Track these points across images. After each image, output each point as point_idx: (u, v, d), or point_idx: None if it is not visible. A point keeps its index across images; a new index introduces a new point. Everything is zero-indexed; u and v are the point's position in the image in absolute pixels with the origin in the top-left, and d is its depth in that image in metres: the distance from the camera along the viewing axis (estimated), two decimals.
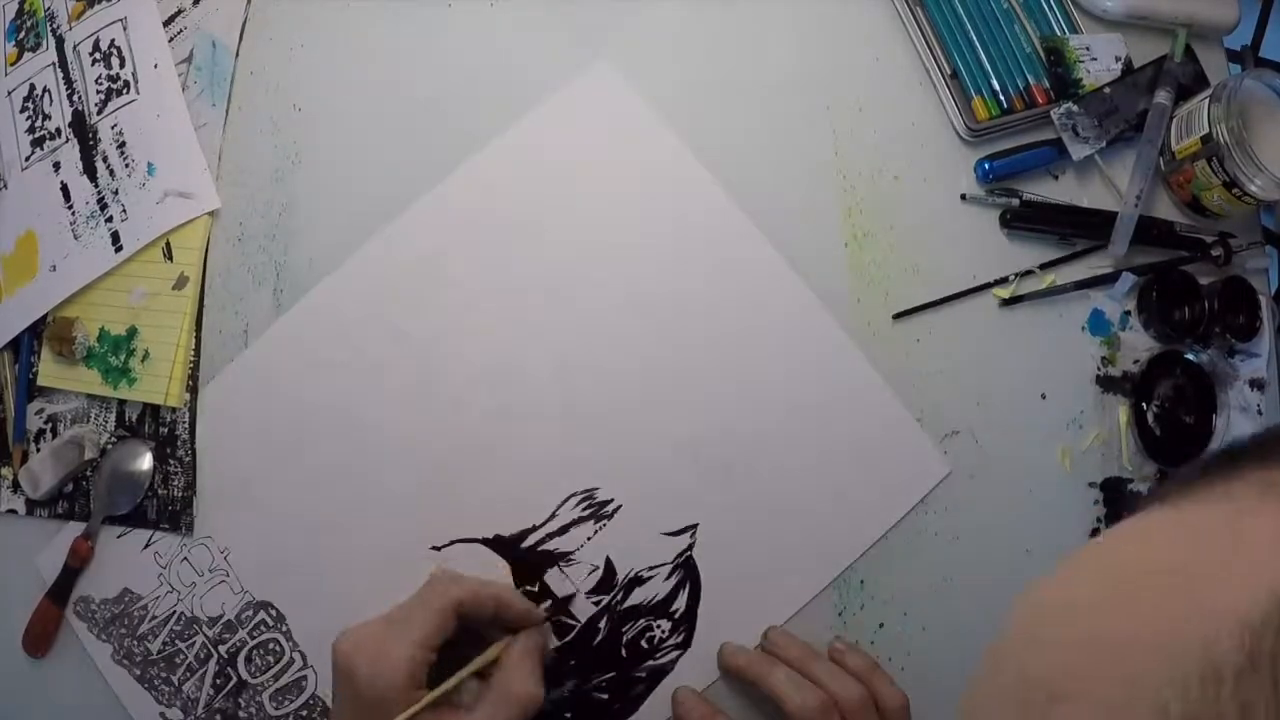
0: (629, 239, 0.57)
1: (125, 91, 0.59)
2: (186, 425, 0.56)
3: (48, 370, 0.58)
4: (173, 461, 0.56)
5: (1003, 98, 0.59)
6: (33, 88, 0.62)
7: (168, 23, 0.60)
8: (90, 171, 0.59)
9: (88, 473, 0.56)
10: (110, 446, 0.56)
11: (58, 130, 0.60)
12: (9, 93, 0.62)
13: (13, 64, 0.63)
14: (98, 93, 0.60)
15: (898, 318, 0.58)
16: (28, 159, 0.61)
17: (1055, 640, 0.20)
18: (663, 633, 0.54)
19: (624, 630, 0.54)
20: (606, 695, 0.54)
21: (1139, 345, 0.60)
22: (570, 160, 0.58)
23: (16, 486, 0.57)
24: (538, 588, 0.54)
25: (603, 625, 0.54)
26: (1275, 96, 0.59)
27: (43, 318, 0.58)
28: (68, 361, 0.57)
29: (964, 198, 0.60)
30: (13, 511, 0.57)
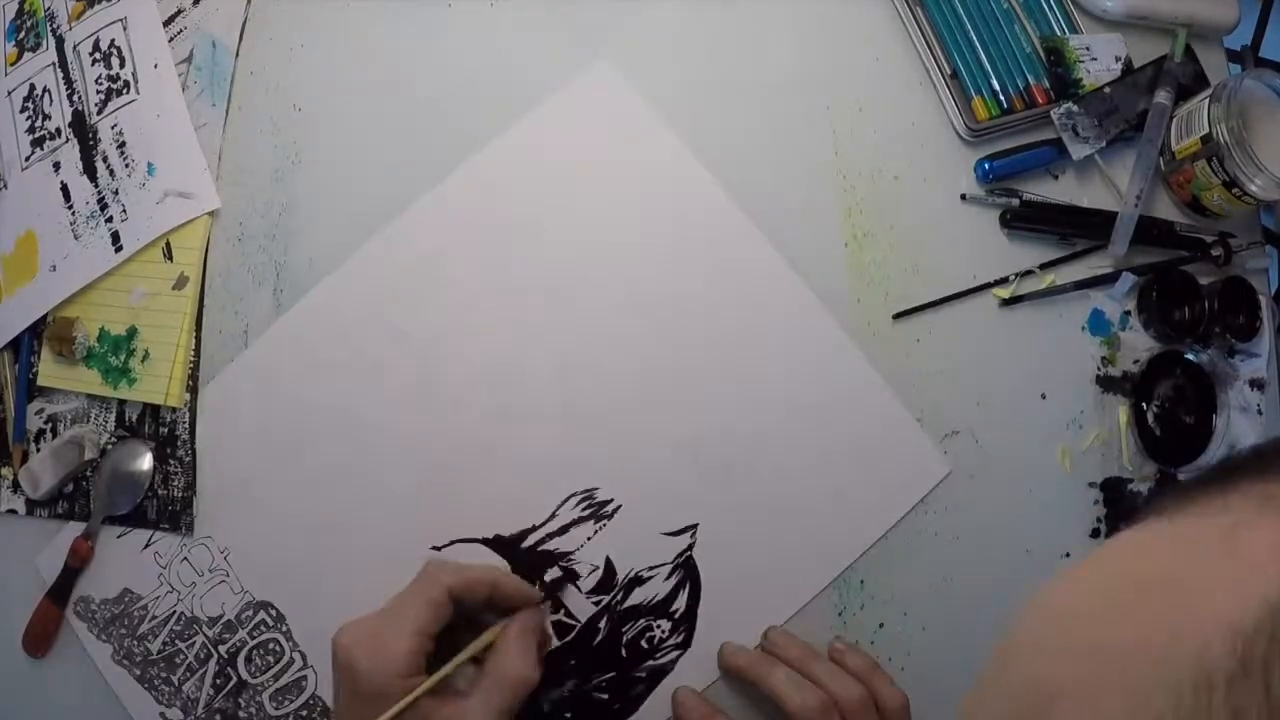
0: (629, 239, 0.57)
1: (125, 91, 0.59)
2: (186, 425, 0.56)
3: (48, 370, 0.58)
4: (173, 461, 0.56)
5: (1003, 98, 0.59)
6: (33, 88, 0.62)
7: (168, 23, 0.60)
8: (90, 171, 0.59)
9: (88, 473, 0.56)
10: (110, 446, 0.56)
11: (58, 130, 0.60)
12: (9, 93, 0.62)
13: (13, 64, 0.63)
14: (98, 93, 0.60)
15: (898, 318, 0.58)
16: (28, 159, 0.61)
17: (1059, 647, 0.20)
18: (663, 633, 0.54)
19: (624, 630, 0.54)
20: (606, 695, 0.54)
21: (1139, 345, 0.60)
22: (570, 160, 0.58)
23: (16, 486, 0.57)
24: (538, 587, 0.54)
25: (603, 625, 0.54)
26: (1275, 96, 0.59)
27: (43, 318, 0.58)
28: (68, 361, 0.57)
29: (964, 198, 0.60)
30: (13, 511, 0.57)
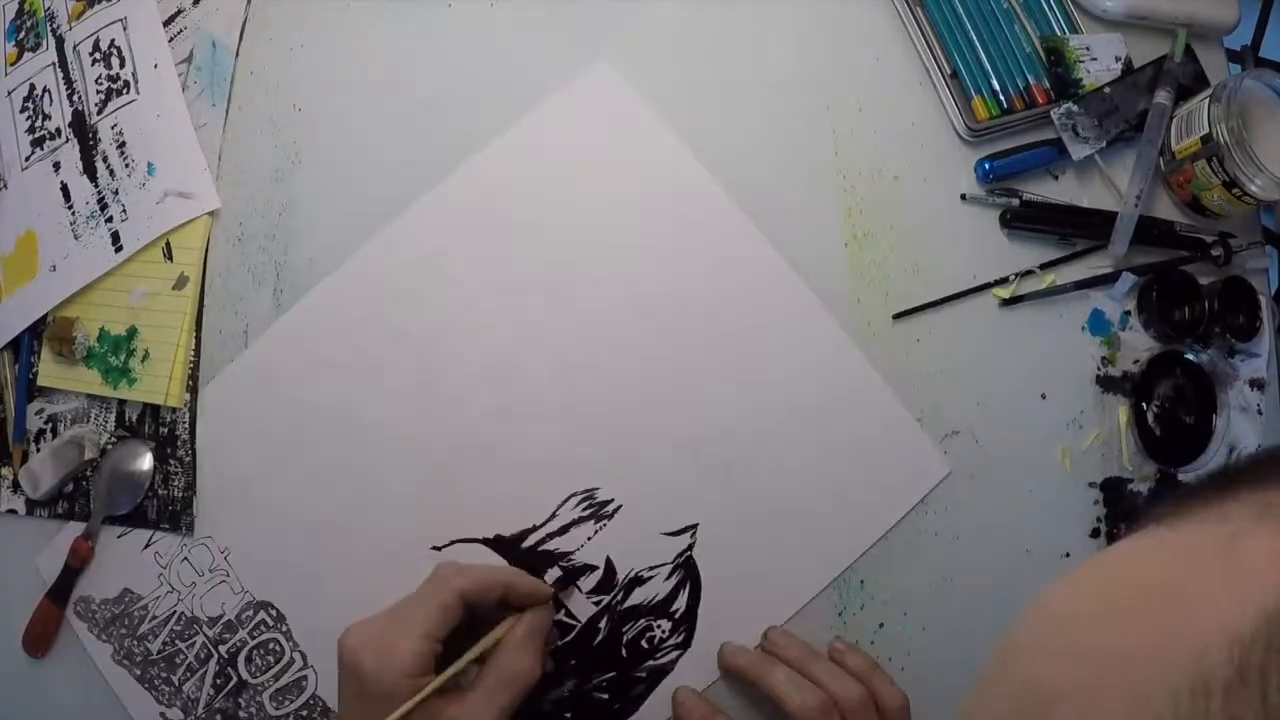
0: (629, 239, 0.57)
1: (125, 91, 0.59)
2: (186, 425, 0.56)
3: (48, 370, 0.58)
4: (173, 461, 0.56)
5: (1003, 98, 0.59)
6: (33, 88, 0.62)
7: (168, 23, 0.60)
8: (90, 171, 0.59)
9: (88, 473, 0.56)
10: (110, 446, 0.56)
11: (58, 130, 0.60)
12: (9, 93, 0.62)
13: (13, 64, 0.63)
14: (98, 93, 0.60)
15: (898, 318, 0.58)
16: (28, 159, 0.61)
17: (1060, 649, 0.20)
18: (663, 633, 0.54)
19: (624, 630, 0.54)
20: (606, 695, 0.54)
21: (1139, 345, 0.60)
22: (570, 160, 0.58)
23: (16, 486, 0.57)
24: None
25: (603, 625, 0.54)
26: (1275, 96, 0.59)
27: (43, 318, 0.58)
28: (68, 361, 0.57)
29: (964, 198, 0.60)
30: (13, 511, 0.57)
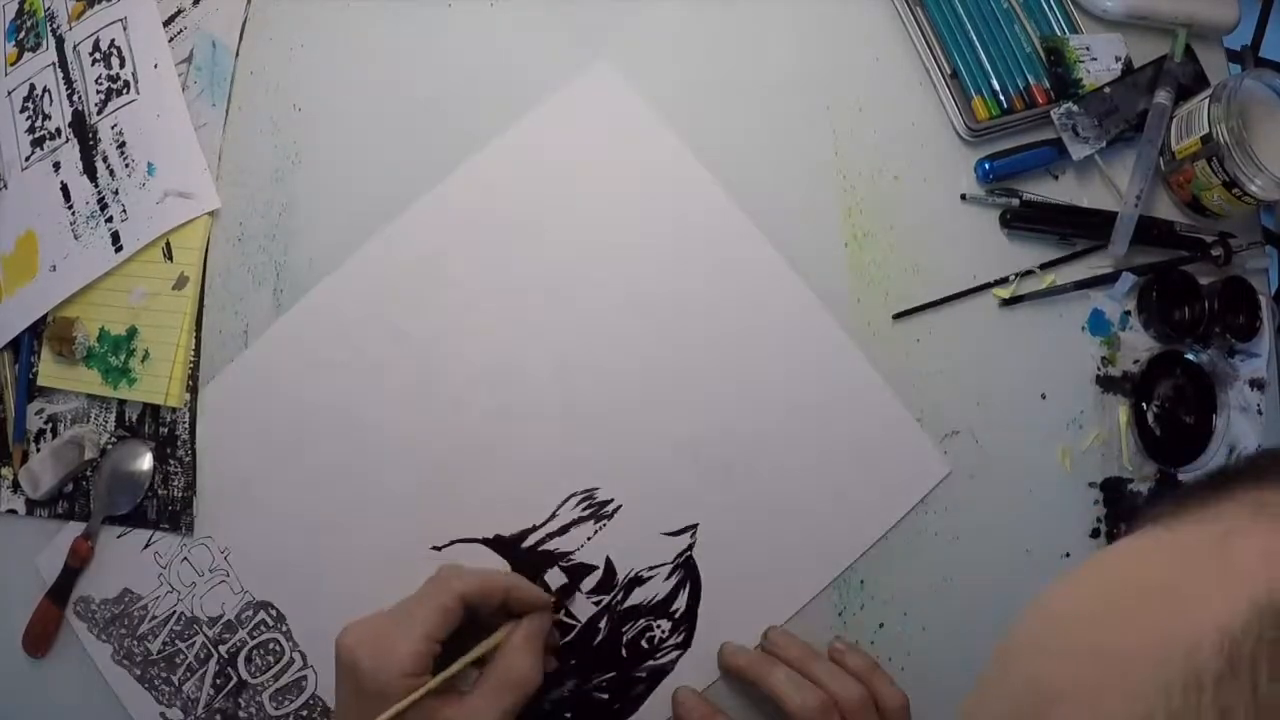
0: (629, 239, 0.57)
1: (125, 91, 0.59)
2: (186, 425, 0.56)
3: (48, 370, 0.58)
4: (173, 461, 0.56)
5: (1003, 98, 0.59)
6: (33, 88, 0.62)
7: (168, 23, 0.60)
8: (90, 171, 0.59)
9: (88, 473, 0.56)
10: (110, 446, 0.56)
11: (58, 130, 0.60)
12: (9, 93, 0.62)
13: (13, 64, 0.63)
14: (98, 93, 0.60)
15: (898, 318, 0.58)
16: (28, 159, 0.61)
17: (1060, 649, 0.21)
18: (663, 633, 0.54)
19: (624, 630, 0.54)
20: (606, 695, 0.54)
21: (1139, 345, 0.60)
22: (570, 160, 0.58)
23: (16, 486, 0.57)
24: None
25: (603, 625, 0.54)
26: (1275, 96, 0.59)
27: (43, 318, 0.58)
28: (68, 361, 0.57)
29: (964, 198, 0.60)
30: (13, 511, 0.57)
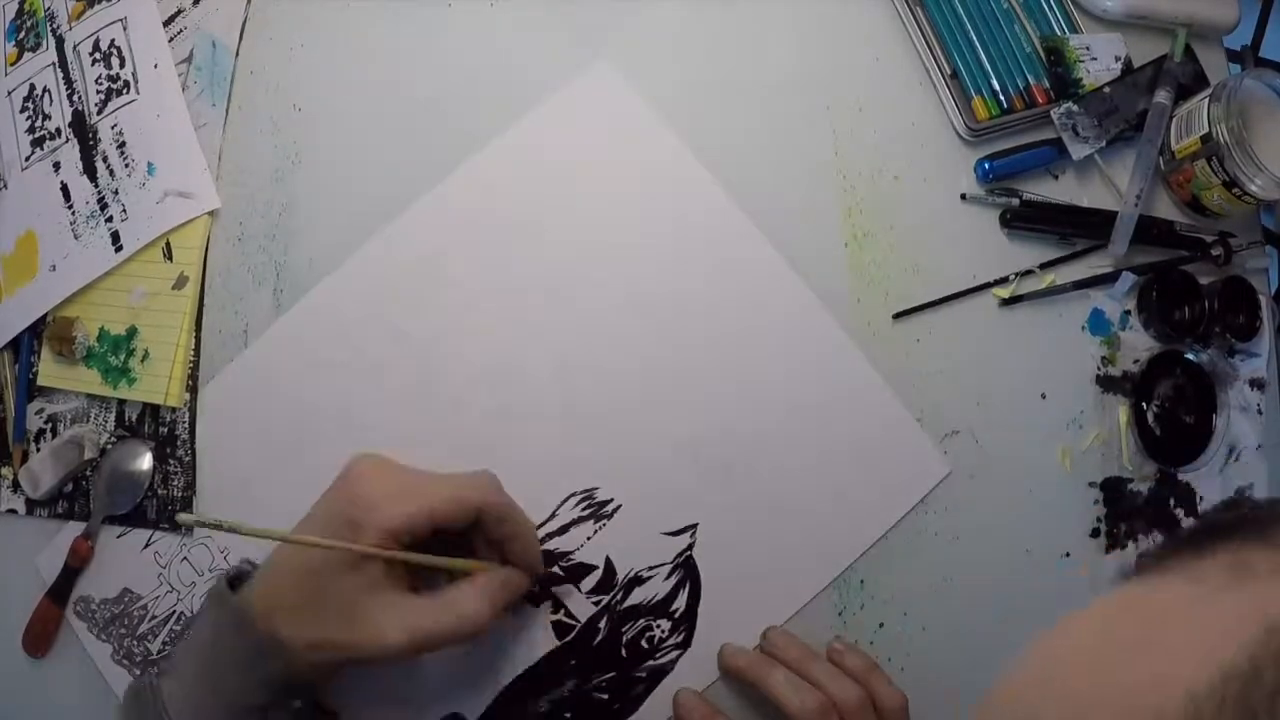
0: (629, 239, 0.57)
1: (125, 91, 0.59)
2: (186, 425, 0.56)
3: (48, 370, 0.58)
4: (173, 461, 0.56)
5: (1003, 98, 0.59)
6: (33, 88, 0.62)
7: (168, 23, 0.60)
8: (90, 171, 0.59)
9: (88, 473, 0.56)
10: (110, 446, 0.56)
11: (58, 130, 0.60)
12: (9, 93, 0.62)
13: (13, 64, 0.63)
14: (98, 93, 0.60)
15: (898, 318, 0.58)
16: (28, 159, 0.61)
17: (1051, 692, 0.22)
18: (663, 633, 0.54)
19: (624, 630, 0.54)
20: (606, 695, 0.54)
21: (1139, 345, 0.60)
22: (570, 160, 0.58)
23: (16, 486, 0.57)
24: (537, 587, 0.54)
25: (603, 625, 0.54)
26: (1275, 96, 0.59)
27: (43, 318, 0.58)
28: (68, 361, 0.57)
29: (964, 198, 0.60)
30: (13, 511, 0.57)
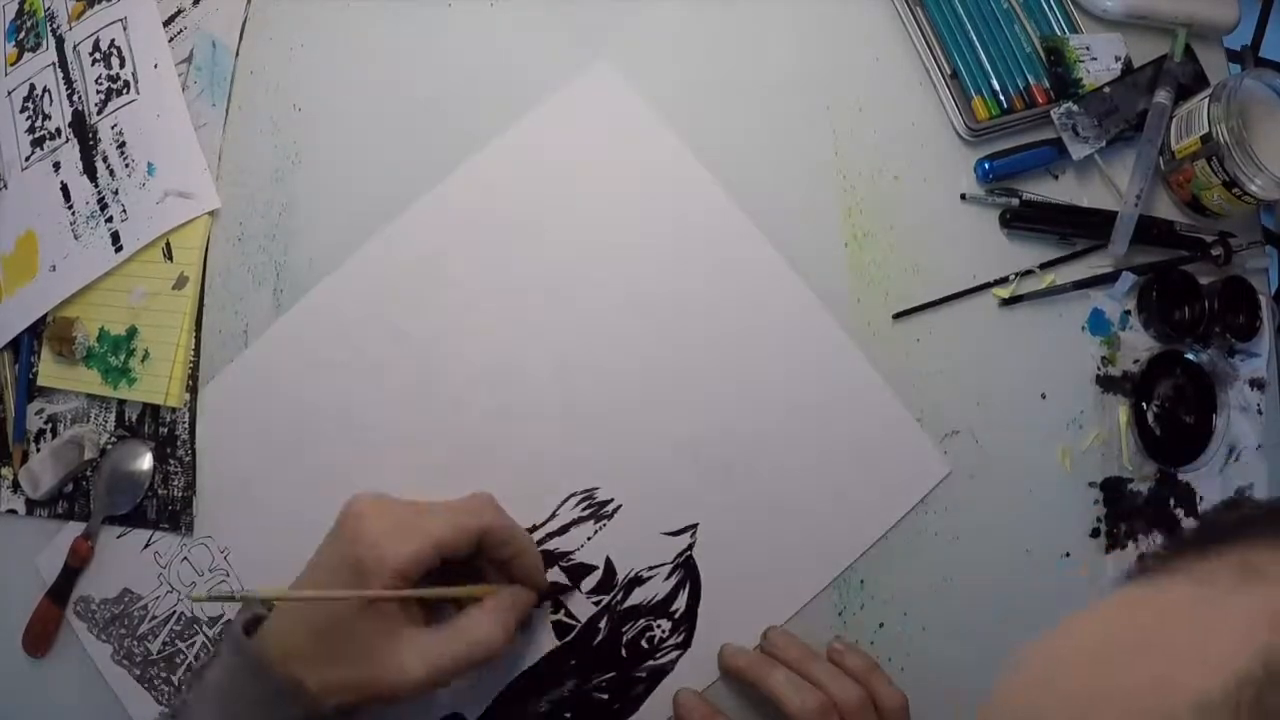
0: (629, 239, 0.57)
1: (125, 91, 0.59)
2: (186, 425, 0.56)
3: (48, 370, 0.58)
4: (173, 461, 0.56)
5: (1003, 98, 0.59)
6: (33, 88, 0.62)
7: (168, 23, 0.60)
8: (90, 171, 0.59)
9: (88, 473, 0.56)
10: (110, 446, 0.56)
11: (58, 130, 0.60)
12: (9, 93, 0.62)
13: (13, 64, 0.63)
14: (98, 93, 0.60)
15: (898, 318, 0.58)
16: (28, 159, 0.61)
17: (1058, 693, 0.22)
18: (663, 633, 0.54)
19: (624, 630, 0.54)
20: (606, 695, 0.54)
21: (1139, 345, 0.60)
22: (570, 160, 0.58)
23: (16, 486, 0.57)
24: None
25: (603, 625, 0.54)
26: (1275, 96, 0.59)
27: (43, 318, 0.58)
28: (68, 361, 0.57)
29: (964, 198, 0.60)
30: (13, 511, 0.57)
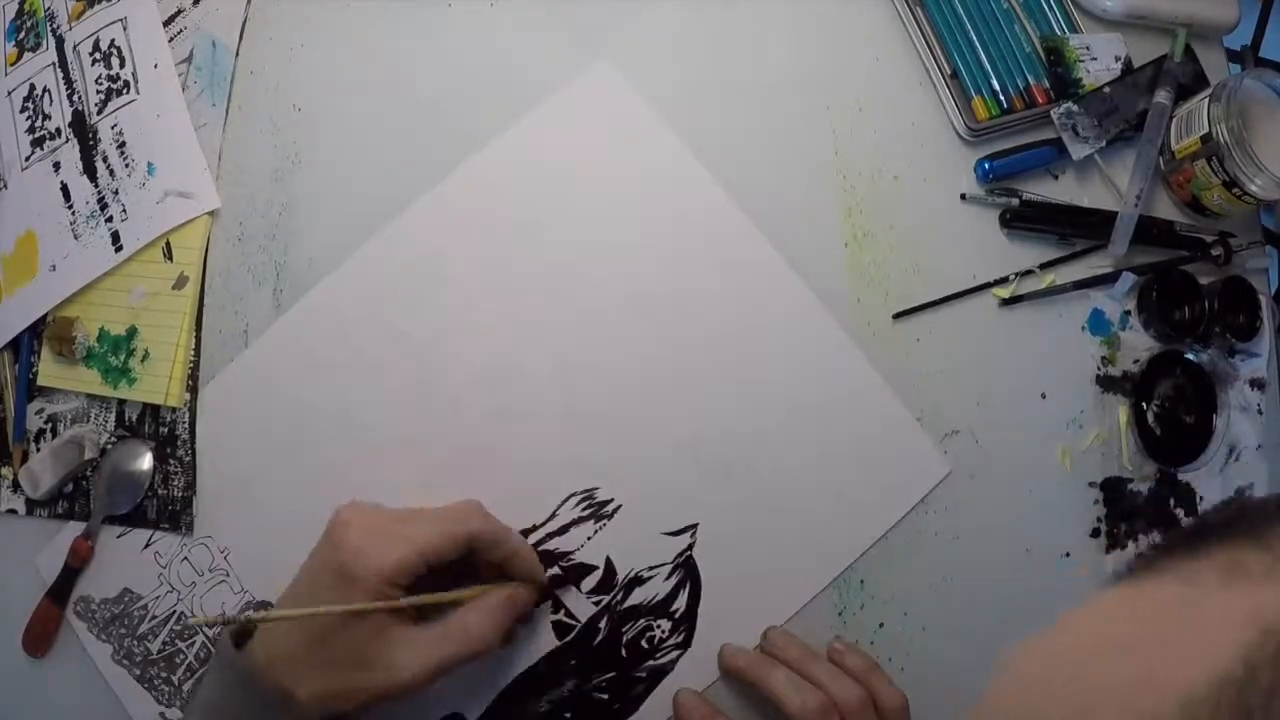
0: (629, 239, 0.57)
1: (125, 91, 0.59)
2: (186, 425, 0.56)
3: (48, 370, 0.58)
4: (173, 461, 0.56)
5: (1003, 98, 0.59)
6: (33, 88, 0.62)
7: (168, 23, 0.60)
8: (90, 171, 0.59)
9: (88, 473, 0.56)
10: (110, 446, 0.56)
11: (58, 130, 0.60)
12: (9, 93, 0.62)
13: (13, 64, 0.63)
14: (98, 93, 0.60)
15: (898, 318, 0.58)
16: (28, 159, 0.61)
17: (1050, 692, 0.22)
18: (663, 633, 0.54)
19: (624, 630, 0.54)
20: (606, 695, 0.54)
21: (1139, 345, 0.60)
22: (570, 160, 0.58)
23: (16, 486, 0.57)
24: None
25: (603, 625, 0.54)
26: (1275, 96, 0.59)
27: (43, 318, 0.58)
28: (68, 361, 0.57)
29: (964, 198, 0.59)
30: (13, 511, 0.57)
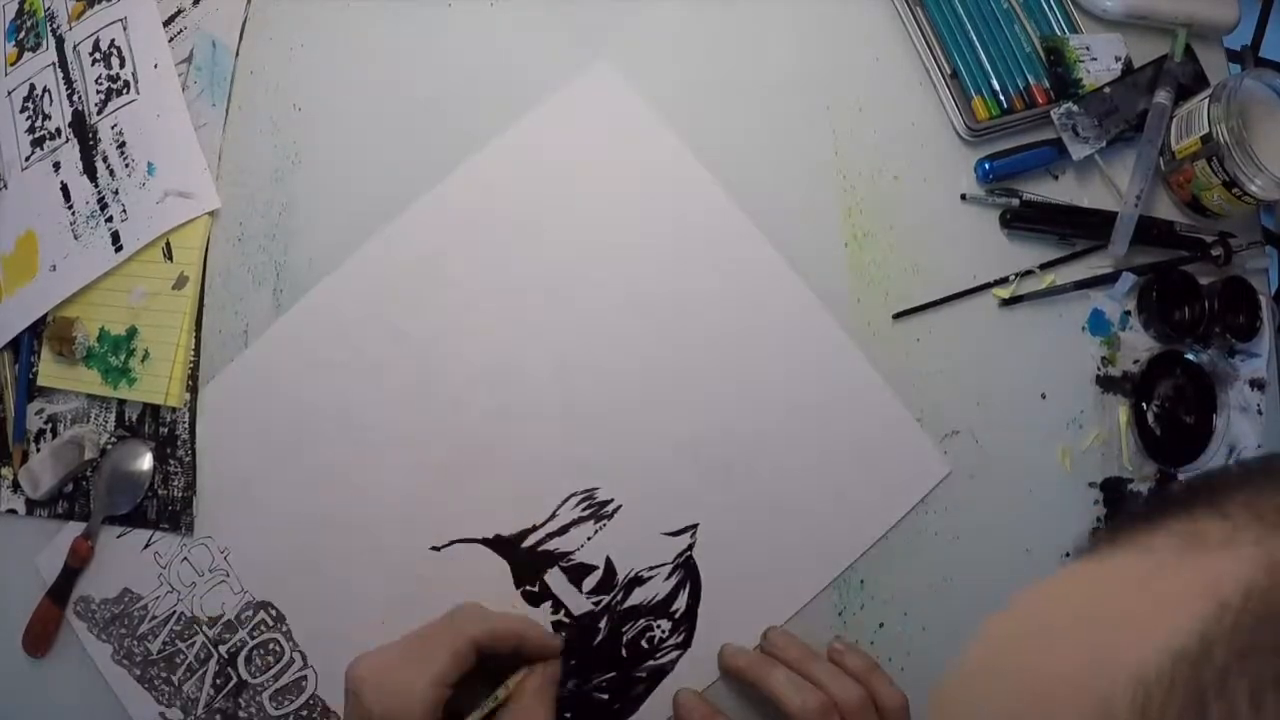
0: (629, 239, 0.57)
1: (125, 91, 0.59)
2: (186, 425, 0.56)
3: (48, 370, 0.58)
4: (173, 461, 0.56)
5: (1003, 98, 0.59)
6: (33, 88, 0.62)
7: (168, 23, 0.60)
8: (90, 171, 0.59)
9: (88, 473, 0.56)
10: (110, 446, 0.56)
11: (58, 130, 0.60)
12: (9, 93, 0.62)
13: (13, 64, 0.63)
14: (98, 93, 0.60)
15: (898, 318, 0.58)
16: (28, 159, 0.61)
17: (1006, 673, 0.21)
18: (663, 633, 0.54)
19: (624, 630, 0.54)
20: (606, 695, 0.54)
21: (1139, 345, 0.60)
22: (570, 160, 0.58)
23: (16, 486, 0.57)
24: (538, 587, 0.54)
25: (603, 625, 0.54)
26: (1275, 96, 0.59)
27: (43, 318, 0.58)
28: (68, 361, 0.57)
29: (964, 198, 0.60)
30: (13, 511, 0.57)
